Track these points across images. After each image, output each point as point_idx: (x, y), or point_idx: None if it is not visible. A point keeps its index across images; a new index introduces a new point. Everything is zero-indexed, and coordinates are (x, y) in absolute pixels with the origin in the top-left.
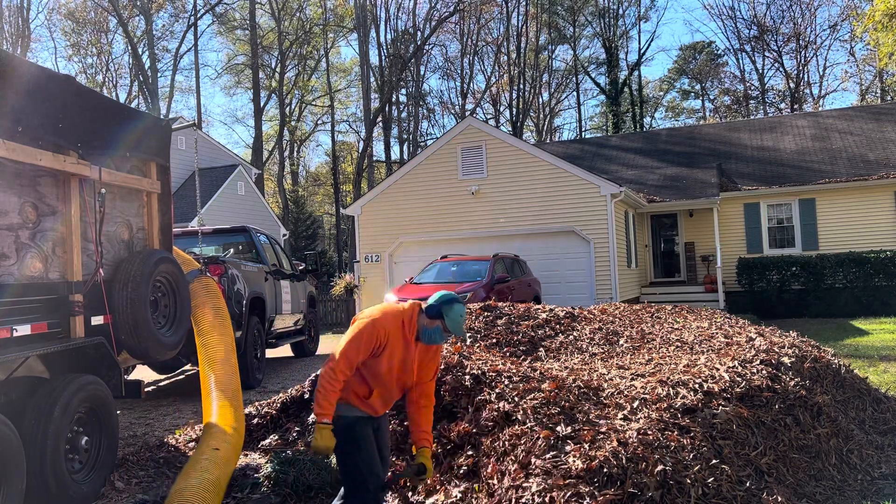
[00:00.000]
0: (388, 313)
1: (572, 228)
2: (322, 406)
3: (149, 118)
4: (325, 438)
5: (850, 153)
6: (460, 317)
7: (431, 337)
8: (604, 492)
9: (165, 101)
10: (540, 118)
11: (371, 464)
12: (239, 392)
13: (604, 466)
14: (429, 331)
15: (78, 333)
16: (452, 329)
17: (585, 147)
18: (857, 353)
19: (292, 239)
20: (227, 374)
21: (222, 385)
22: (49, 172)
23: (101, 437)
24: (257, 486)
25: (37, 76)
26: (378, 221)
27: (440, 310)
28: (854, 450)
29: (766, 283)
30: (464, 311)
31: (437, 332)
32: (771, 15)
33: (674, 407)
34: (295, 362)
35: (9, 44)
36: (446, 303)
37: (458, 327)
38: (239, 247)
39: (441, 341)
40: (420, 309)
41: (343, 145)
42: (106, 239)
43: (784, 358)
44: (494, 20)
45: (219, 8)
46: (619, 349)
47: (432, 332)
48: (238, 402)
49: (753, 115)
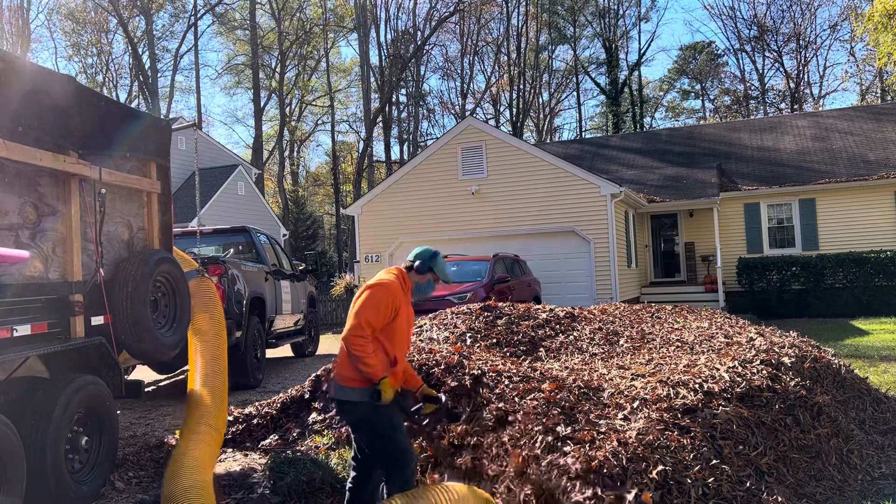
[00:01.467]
0: (392, 280)
1: (572, 228)
2: (370, 365)
3: (149, 118)
4: (390, 390)
5: (850, 153)
6: (444, 264)
7: (423, 290)
8: (604, 492)
9: (165, 101)
10: (540, 118)
11: (407, 440)
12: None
13: (604, 466)
14: (421, 285)
15: (78, 333)
16: (442, 277)
17: (585, 147)
18: (857, 353)
19: (292, 239)
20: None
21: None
22: (49, 172)
23: (101, 437)
24: (257, 486)
25: (37, 76)
26: (378, 221)
27: (429, 265)
28: (854, 450)
29: (766, 283)
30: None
31: (429, 284)
32: (771, 15)
33: (674, 407)
34: (295, 362)
35: (9, 44)
36: (431, 257)
37: (445, 274)
38: (239, 247)
39: (430, 292)
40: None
41: (343, 145)
42: (106, 239)
43: (784, 358)
44: (494, 20)
45: (219, 8)
46: (620, 349)
47: (424, 286)
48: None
49: (753, 115)
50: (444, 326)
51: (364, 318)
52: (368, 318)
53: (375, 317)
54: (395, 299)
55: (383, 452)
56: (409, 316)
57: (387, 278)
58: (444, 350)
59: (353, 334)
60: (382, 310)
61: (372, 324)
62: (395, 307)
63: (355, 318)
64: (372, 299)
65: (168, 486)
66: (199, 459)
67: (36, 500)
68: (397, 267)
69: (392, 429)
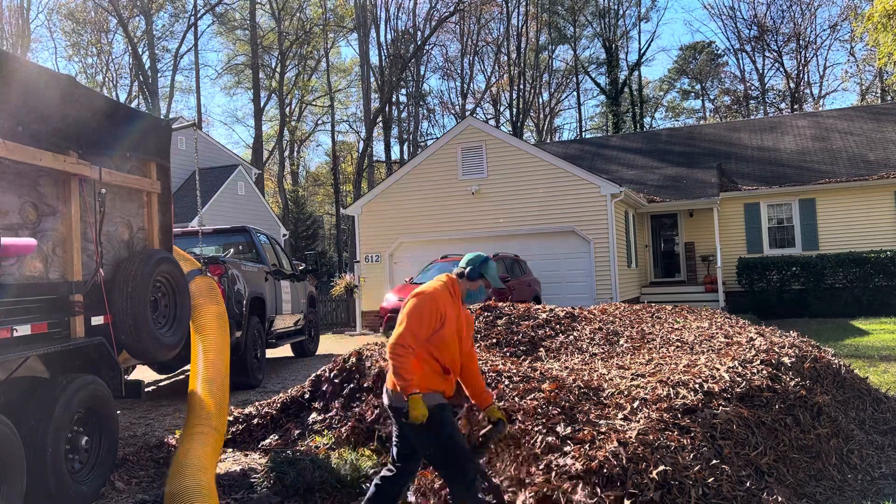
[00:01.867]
0: (438, 288)
1: (572, 228)
2: (406, 379)
3: (149, 118)
4: (419, 407)
5: (850, 153)
6: (496, 269)
7: (476, 297)
8: (604, 492)
9: (165, 101)
10: (540, 118)
11: (466, 448)
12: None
13: (604, 466)
14: (472, 292)
15: (78, 333)
16: (494, 283)
17: (585, 147)
18: (857, 353)
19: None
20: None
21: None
22: (49, 172)
23: (101, 437)
24: (257, 486)
25: (37, 76)
26: (378, 221)
27: (480, 271)
28: (854, 450)
29: (766, 283)
30: (495, 263)
31: (481, 290)
32: (771, 15)
33: (674, 407)
34: (295, 362)
35: (9, 44)
36: (482, 263)
37: (497, 279)
38: (239, 247)
39: (483, 298)
40: (457, 277)
41: (343, 145)
42: (106, 239)
43: (784, 358)
44: (494, 20)
45: (219, 8)
46: (620, 349)
47: (476, 292)
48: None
49: (753, 115)
50: None
51: (408, 327)
52: (412, 327)
53: (419, 326)
54: (441, 307)
55: (444, 460)
56: (462, 324)
57: (434, 286)
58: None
59: (396, 343)
60: (426, 319)
61: (415, 333)
62: (440, 315)
63: (398, 328)
64: (417, 308)
65: (171, 485)
66: (201, 459)
67: (36, 500)
68: (447, 274)
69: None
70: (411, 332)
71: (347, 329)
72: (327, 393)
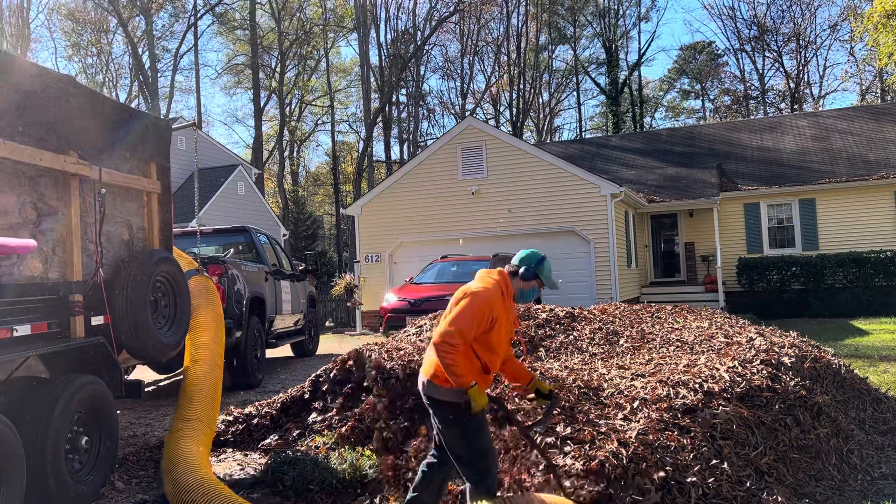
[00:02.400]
0: (491, 288)
1: (572, 228)
2: (459, 374)
3: (149, 118)
4: (480, 398)
5: (850, 153)
6: (551, 270)
7: (528, 297)
8: (605, 492)
9: (165, 101)
10: (540, 118)
11: (492, 449)
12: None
13: (604, 466)
14: (526, 292)
15: (78, 333)
16: (549, 284)
17: (585, 147)
18: (857, 353)
19: (292, 239)
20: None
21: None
22: (49, 172)
23: (101, 437)
24: (257, 486)
25: (37, 76)
26: (378, 221)
27: (535, 271)
28: (854, 450)
29: (766, 283)
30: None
31: (533, 290)
32: (771, 15)
33: (674, 407)
34: (295, 362)
35: (9, 44)
36: (538, 263)
37: (552, 280)
38: (239, 247)
39: (534, 298)
40: (510, 275)
41: (343, 145)
42: (106, 239)
43: (784, 358)
44: (494, 20)
45: (219, 8)
46: (620, 349)
47: (530, 292)
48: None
49: (753, 115)
50: None
51: (458, 326)
52: (462, 328)
53: (470, 328)
54: (495, 309)
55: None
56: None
57: (487, 285)
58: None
59: (444, 341)
60: (479, 321)
61: (465, 334)
62: (493, 317)
63: (450, 325)
64: (470, 309)
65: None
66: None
67: (36, 500)
68: (500, 270)
69: (483, 436)
70: (461, 333)
71: (347, 329)
72: (327, 393)
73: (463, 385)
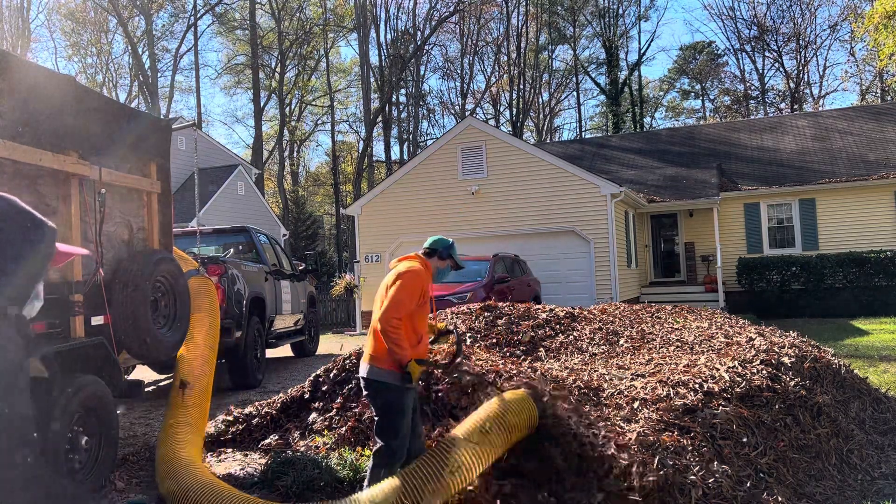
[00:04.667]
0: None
1: (572, 228)
2: (404, 348)
3: (149, 118)
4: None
5: (850, 153)
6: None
7: (443, 275)
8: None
9: (165, 101)
10: (540, 118)
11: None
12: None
13: None
14: (442, 270)
15: (78, 333)
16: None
17: (585, 147)
18: (857, 353)
19: (292, 239)
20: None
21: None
22: (49, 172)
23: (101, 437)
24: (257, 486)
25: (37, 76)
26: (378, 221)
27: (449, 251)
28: (854, 450)
29: (766, 283)
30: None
31: (447, 269)
32: (771, 15)
33: (674, 407)
34: (295, 362)
35: (9, 44)
36: (451, 245)
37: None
38: (239, 247)
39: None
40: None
41: (343, 145)
42: (106, 239)
43: (784, 358)
44: (494, 20)
45: (219, 8)
46: (619, 349)
47: (444, 270)
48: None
49: (753, 115)
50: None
51: (402, 302)
52: (405, 302)
53: (410, 302)
54: (425, 284)
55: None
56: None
57: (414, 265)
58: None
59: (391, 316)
60: (413, 295)
61: (407, 308)
62: (423, 291)
63: (392, 303)
64: (407, 285)
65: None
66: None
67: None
68: (415, 254)
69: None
70: (405, 307)
71: (347, 329)
72: (327, 393)
73: (404, 359)
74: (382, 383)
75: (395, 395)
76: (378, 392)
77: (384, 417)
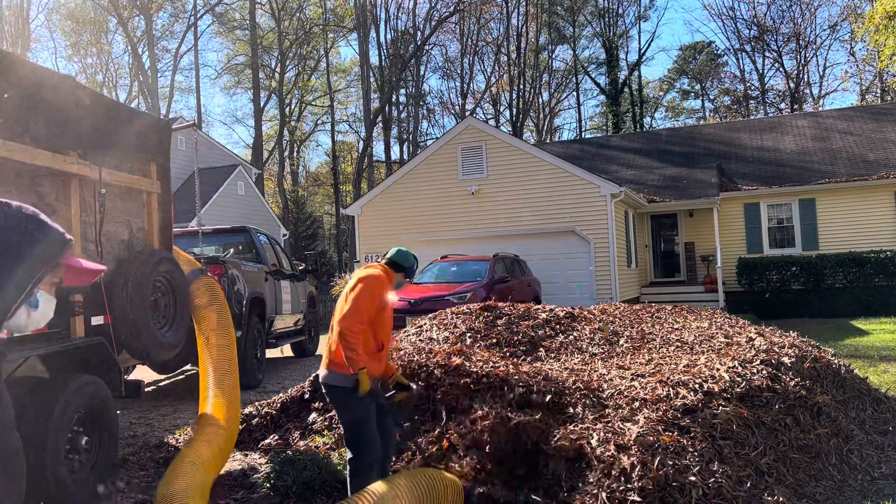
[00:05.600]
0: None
1: (572, 228)
2: (359, 353)
3: (149, 118)
4: (366, 381)
5: (850, 153)
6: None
7: (399, 286)
8: None
9: (165, 101)
10: (540, 118)
11: (376, 435)
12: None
13: None
14: (400, 283)
15: (78, 333)
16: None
17: (585, 147)
18: (857, 353)
19: (292, 239)
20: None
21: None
22: (49, 172)
23: (101, 437)
24: (257, 486)
25: (36, 76)
26: (378, 221)
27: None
28: (854, 450)
29: (766, 283)
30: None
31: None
32: (771, 15)
33: (674, 407)
34: (295, 362)
35: (9, 44)
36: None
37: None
38: (239, 247)
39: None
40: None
41: (343, 145)
42: (106, 239)
43: (784, 358)
44: (494, 20)
45: (219, 8)
46: (619, 349)
47: (402, 283)
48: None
49: (753, 115)
50: (444, 326)
51: (361, 306)
52: (365, 306)
53: (370, 306)
54: (385, 290)
55: (353, 438)
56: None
57: (374, 272)
58: (443, 350)
59: (351, 320)
60: (376, 300)
61: (368, 312)
62: (384, 297)
63: (352, 306)
64: (367, 290)
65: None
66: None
67: (36, 500)
68: (379, 263)
69: (367, 422)
70: (365, 311)
71: None
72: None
73: (356, 364)
74: (340, 388)
75: (355, 399)
76: (336, 397)
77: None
